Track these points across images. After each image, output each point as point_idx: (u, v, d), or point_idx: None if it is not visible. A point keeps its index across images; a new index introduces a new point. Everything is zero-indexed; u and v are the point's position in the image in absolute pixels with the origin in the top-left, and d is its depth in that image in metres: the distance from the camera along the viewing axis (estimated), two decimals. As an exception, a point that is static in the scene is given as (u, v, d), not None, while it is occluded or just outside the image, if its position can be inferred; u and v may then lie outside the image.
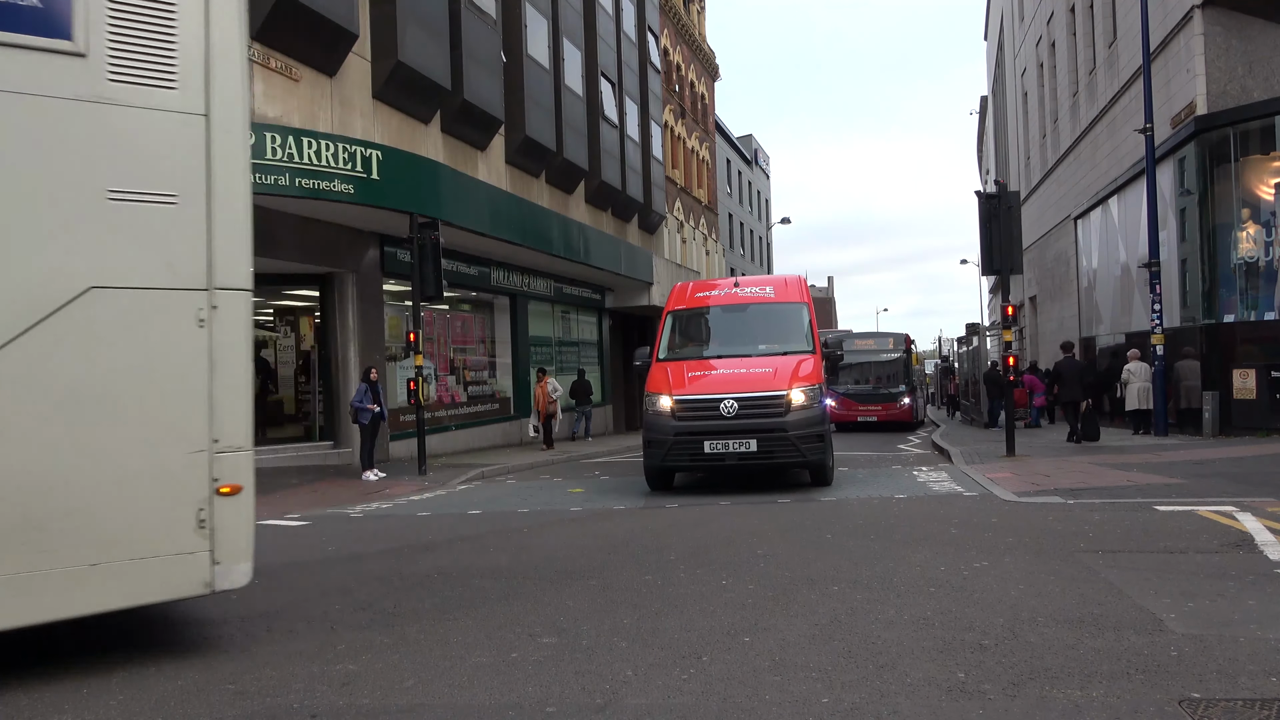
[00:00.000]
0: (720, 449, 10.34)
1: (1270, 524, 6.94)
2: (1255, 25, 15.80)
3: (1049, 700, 3.40)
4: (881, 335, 30.39)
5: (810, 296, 12.54)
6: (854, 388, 27.28)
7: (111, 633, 4.94)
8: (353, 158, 14.02)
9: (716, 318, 12.57)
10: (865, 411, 26.44)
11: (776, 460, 10.49)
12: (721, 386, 10.73)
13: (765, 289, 12.51)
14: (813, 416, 10.50)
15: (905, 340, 28.48)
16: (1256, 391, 14.97)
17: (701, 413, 10.57)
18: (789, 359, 11.09)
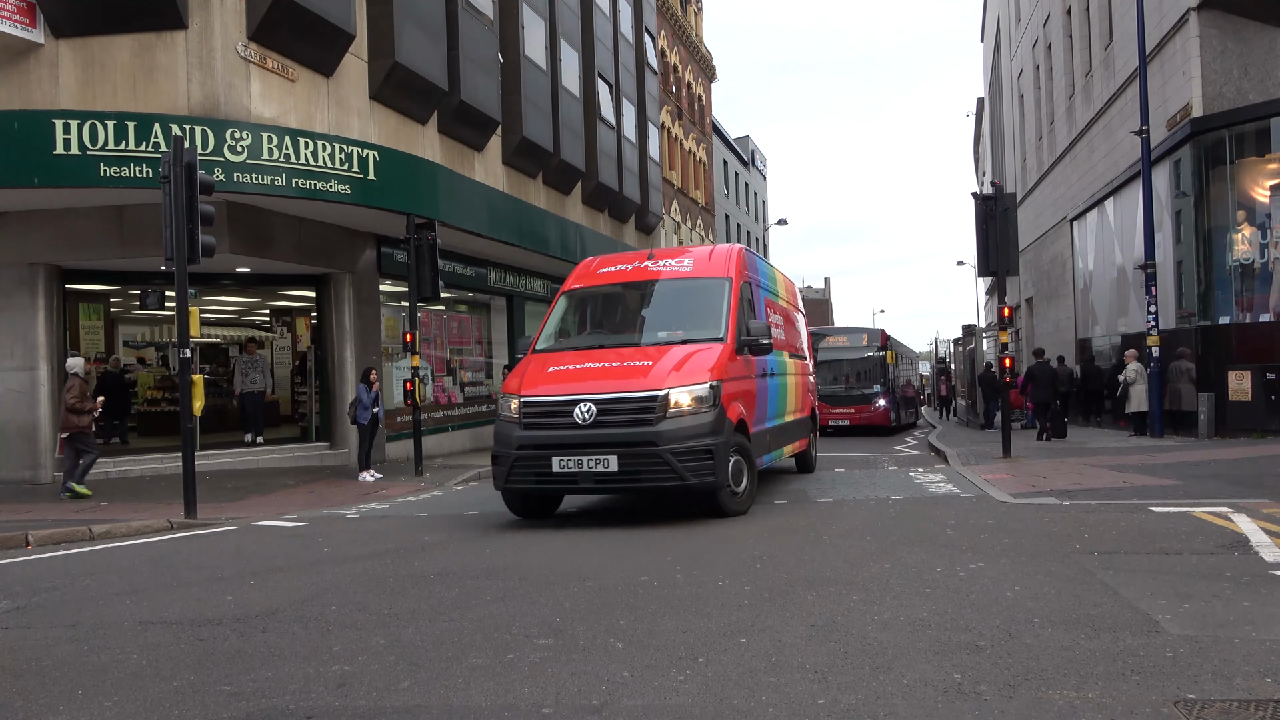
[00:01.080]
0: (571, 468, 7.94)
1: (1265, 525, 6.95)
2: (1251, 28, 15.85)
3: (1045, 701, 3.40)
4: (854, 330, 27.79)
5: (748, 270, 10.05)
6: (825, 389, 24.57)
7: (106, 635, 4.93)
8: (349, 158, 14.02)
9: (614, 298, 9.92)
10: (836, 415, 24.39)
11: (644, 484, 8.04)
12: (581, 385, 8.26)
13: (683, 262, 9.85)
14: (700, 425, 8.02)
15: (880, 336, 26.22)
16: (1252, 393, 15.01)
17: (551, 419, 8.19)
18: (683, 349, 8.58)
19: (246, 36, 13.77)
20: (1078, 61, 23.90)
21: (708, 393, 8.19)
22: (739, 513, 8.57)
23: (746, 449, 8.83)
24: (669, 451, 7.88)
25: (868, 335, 26.49)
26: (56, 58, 13.26)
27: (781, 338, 11.08)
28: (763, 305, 10.38)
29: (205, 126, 12.67)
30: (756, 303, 10.07)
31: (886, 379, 25.48)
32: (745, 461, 8.75)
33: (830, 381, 25.23)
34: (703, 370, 8.30)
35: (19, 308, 13.91)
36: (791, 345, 12.00)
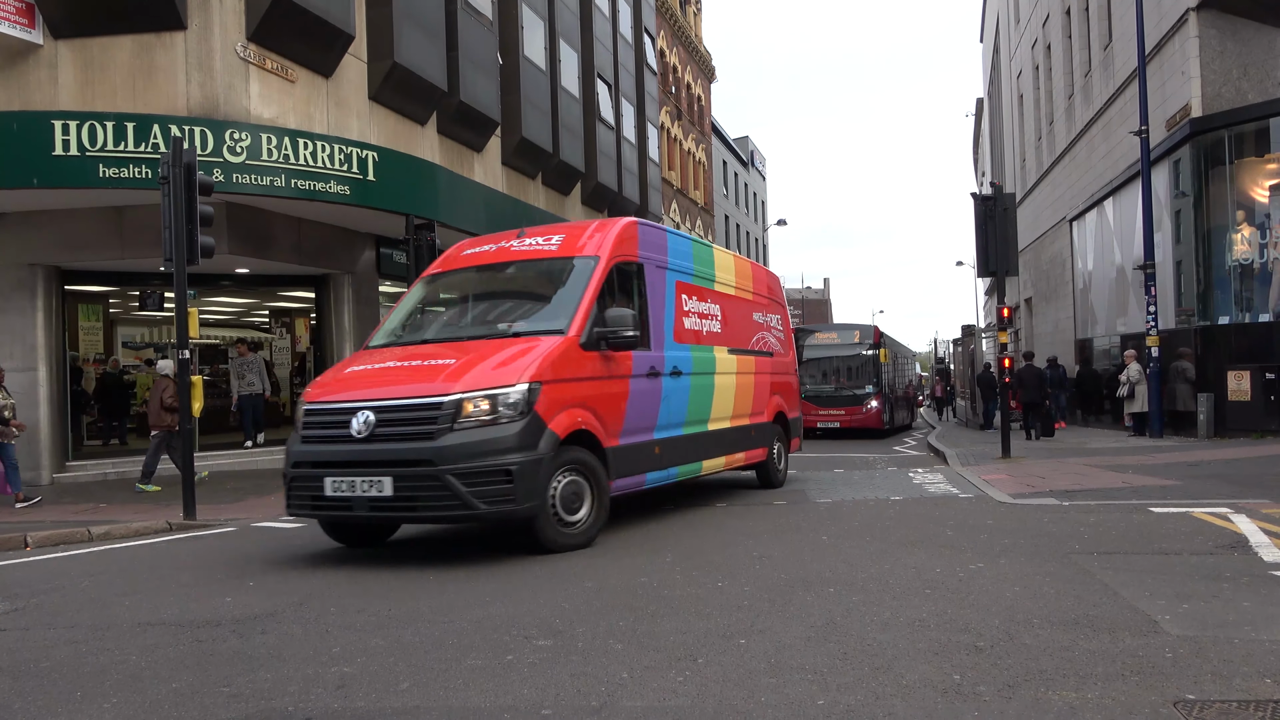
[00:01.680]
0: (345, 491, 6.55)
1: (1265, 525, 6.95)
2: (1250, 28, 15.86)
3: (1044, 702, 3.40)
4: (845, 327, 26.25)
5: (641, 250, 8.38)
6: (812, 388, 23.66)
7: (105, 636, 4.93)
8: (349, 159, 14.02)
9: (465, 284, 8.56)
10: (825, 416, 23.43)
11: (424, 513, 6.67)
12: (369, 390, 6.87)
13: (551, 240, 8.29)
14: (500, 438, 6.42)
15: (873, 333, 24.82)
16: (1251, 393, 15.02)
17: (326, 431, 6.83)
18: (512, 345, 7.06)
19: (246, 37, 13.77)
20: (1077, 62, 23.91)
21: (516, 398, 6.53)
22: (573, 547, 6.87)
23: (591, 467, 7.11)
24: (452, 473, 6.26)
25: (859, 332, 25.07)
26: (56, 58, 13.26)
27: (714, 330, 9.64)
28: (669, 292, 8.74)
29: (204, 127, 12.67)
30: (653, 289, 8.44)
31: (879, 378, 24.14)
32: (587, 483, 7.07)
33: (819, 381, 24.31)
34: (518, 370, 6.67)
35: (18, 309, 13.91)
36: (738, 339, 10.29)
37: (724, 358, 9.80)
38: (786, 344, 12.30)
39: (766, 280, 12.06)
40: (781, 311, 12.40)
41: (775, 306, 12.11)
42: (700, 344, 9.28)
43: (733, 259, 10.98)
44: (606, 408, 7.47)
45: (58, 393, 14.30)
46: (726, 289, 10.33)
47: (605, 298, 7.71)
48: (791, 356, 12.45)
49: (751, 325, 10.98)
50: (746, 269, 11.35)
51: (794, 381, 12.48)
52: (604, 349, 7.43)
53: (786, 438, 11.73)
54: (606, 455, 7.38)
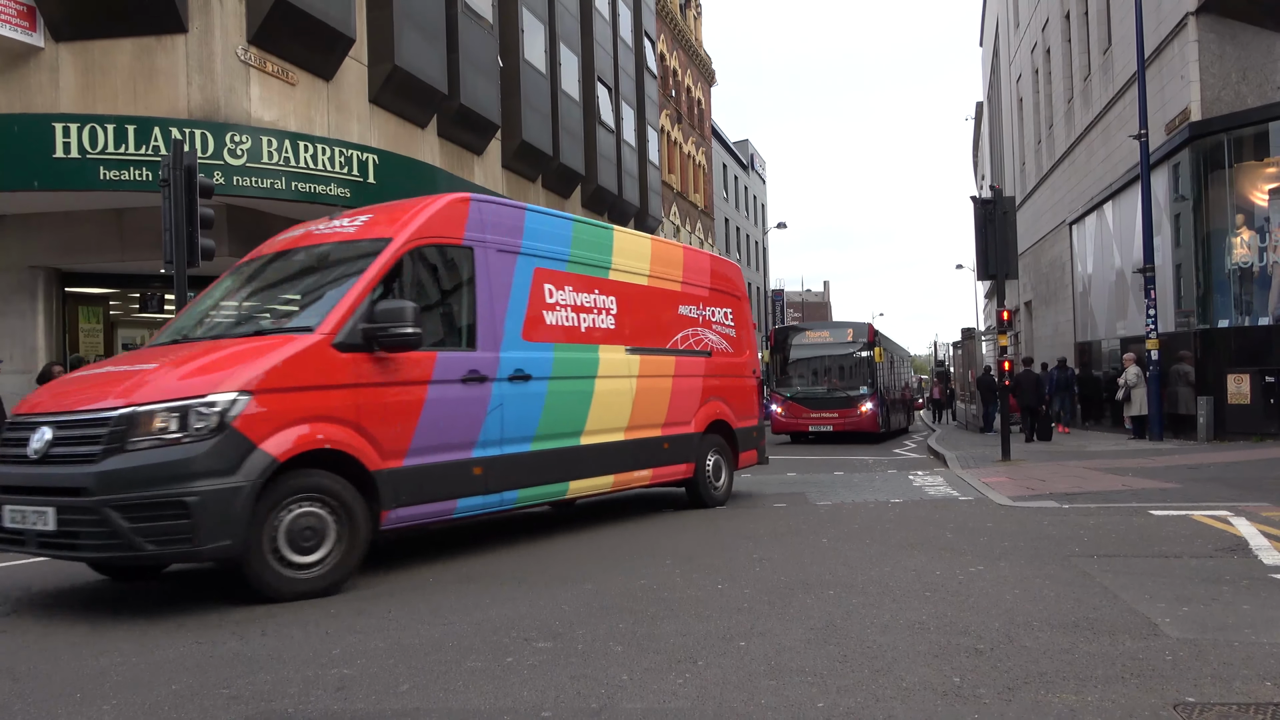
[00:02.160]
0: (18, 522, 5.50)
1: (1265, 528, 6.95)
2: (1249, 32, 15.89)
3: (1044, 705, 3.40)
4: (838, 325, 25.22)
5: (471, 230, 7.10)
6: (804, 390, 23.03)
7: (104, 638, 4.92)
8: (349, 161, 14.04)
9: (255, 273, 7.38)
10: (818, 419, 22.39)
11: (88, 553, 5.50)
12: (62, 399, 5.87)
13: (356, 220, 7.15)
14: (179, 464, 5.20)
15: (867, 331, 23.61)
16: (1251, 396, 15.03)
17: (10, 449, 5.82)
18: (232, 345, 5.99)
19: (246, 40, 13.79)
20: (1076, 65, 23.94)
21: (208, 411, 5.29)
22: (307, 594, 5.60)
23: (338, 496, 5.78)
24: (112, 505, 5.10)
25: (853, 330, 23.85)
26: (57, 61, 13.27)
27: (604, 326, 8.34)
28: (519, 281, 7.44)
29: (205, 130, 12.68)
30: (489, 277, 7.14)
31: (874, 379, 23.00)
32: (333, 515, 5.76)
33: (811, 382, 23.43)
34: (218, 378, 5.47)
35: (18, 311, 13.92)
36: (647, 337, 8.94)
37: (616, 358, 8.42)
38: (741, 342, 10.72)
39: (711, 269, 10.47)
40: (735, 304, 10.78)
41: (724, 299, 10.55)
42: (574, 342, 7.93)
43: (649, 244, 9.50)
44: (380, 421, 6.13)
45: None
46: (632, 278, 8.90)
47: (395, 288, 6.46)
48: (748, 357, 10.83)
49: (675, 321, 9.50)
50: (674, 255, 9.81)
51: (748, 385, 10.75)
52: (376, 350, 6.12)
53: (730, 450, 10.15)
54: (375, 480, 6.04)
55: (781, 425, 23.35)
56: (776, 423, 23.28)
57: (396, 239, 6.57)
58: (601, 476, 8.24)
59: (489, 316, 7.13)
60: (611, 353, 8.42)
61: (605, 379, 8.28)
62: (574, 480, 7.90)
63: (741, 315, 10.94)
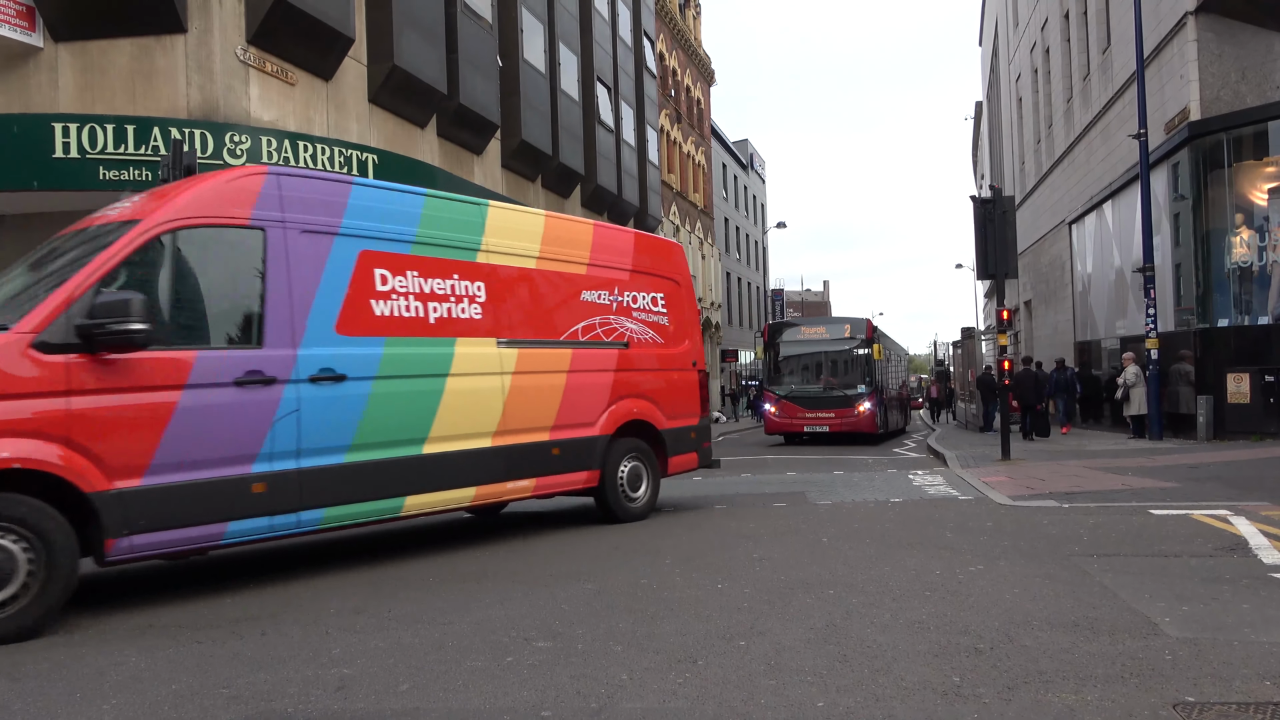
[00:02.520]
0: None
1: (1264, 528, 6.95)
2: (1248, 31, 15.89)
3: (1044, 704, 3.40)
4: (835, 321, 24.19)
5: (242, 208, 6.17)
6: (799, 389, 22.05)
7: (104, 638, 4.92)
8: (348, 161, 14.04)
9: (27, 263, 6.59)
10: (813, 419, 21.47)
11: None
12: None
13: (131, 201, 6.49)
14: None
15: (865, 327, 22.42)
16: (1250, 395, 15.03)
17: None
18: None
19: (246, 40, 13.79)
20: (1075, 65, 23.95)
21: None
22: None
23: (31, 525, 4.93)
24: None
25: (850, 326, 22.68)
26: (56, 61, 13.27)
27: (466, 316, 7.40)
28: (337, 266, 6.56)
29: (204, 130, 12.68)
30: (291, 263, 6.29)
31: (873, 377, 21.89)
32: (26, 548, 4.91)
33: (807, 380, 22.44)
34: None
35: (18, 311, 13.90)
36: (530, 328, 7.96)
37: (480, 353, 7.44)
38: (677, 331, 9.61)
39: (635, 249, 9.29)
40: (669, 289, 9.62)
41: (653, 282, 9.41)
42: (417, 336, 6.99)
43: (541, 221, 8.36)
44: (105, 434, 5.28)
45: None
46: (512, 260, 7.86)
47: (137, 278, 5.62)
48: (687, 347, 9.72)
49: (576, 308, 8.43)
50: (578, 234, 8.67)
51: (685, 379, 9.65)
52: (99, 351, 5.29)
53: (657, 454, 9.14)
54: (94, 503, 5.20)
55: (775, 426, 22.51)
56: (770, 423, 22.67)
57: (145, 222, 5.76)
58: (456, 489, 7.19)
59: (284, 308, 6.20)
60: (474, 346, 7.43)
61: (462, 377, 7.28)
62: (414, 495, 6.87)
63: (678, 300, 9.73)
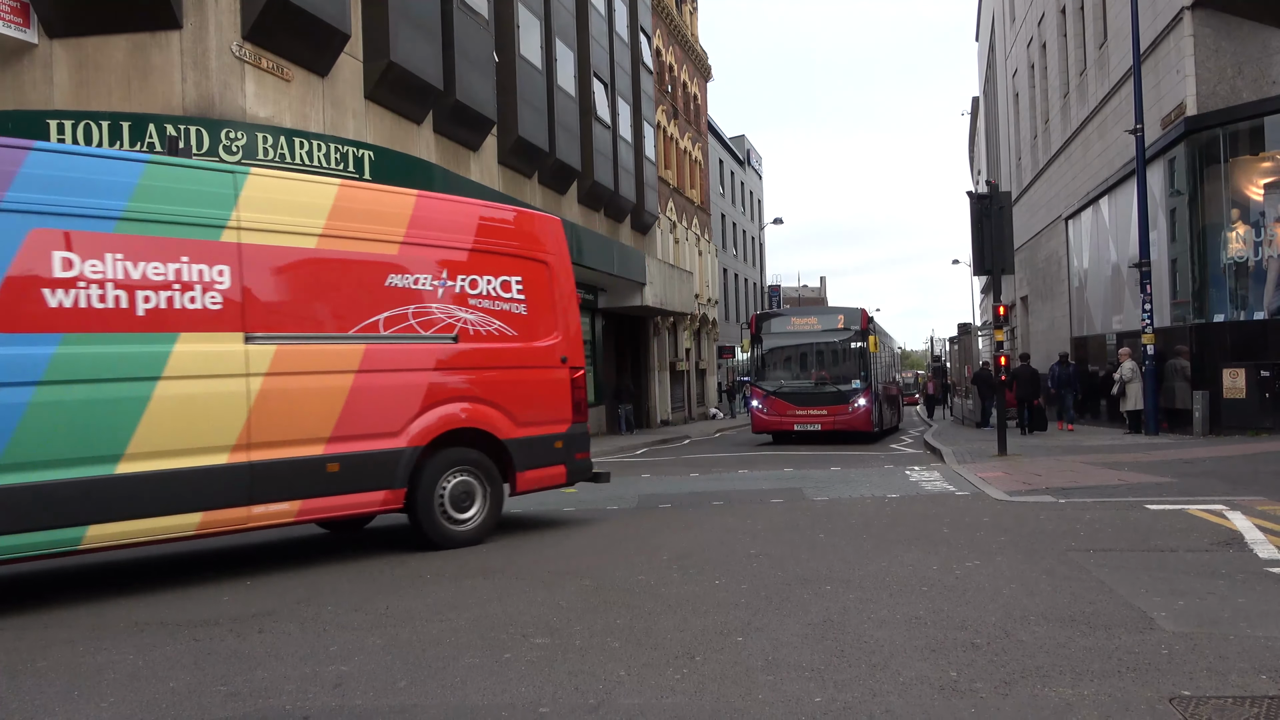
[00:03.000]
0: None
1: (1260, 522, 6.97)
2: (1245, 27, 15.89)
3: (1040, 699, 3.41)
4: (827, 311, 22.56)
5: None
6: (789, 384, 20.60)
7: (102, 636, 4.92)
8: (344, 158, 14.01)
9: None
10: (804, 417, 20.03)
11: None
12: None
13: None
14: None
15: (860, 318, 20.65)
16: (1246, 391, 15.06)
17: None
18: None
19: (241, 36, 13.75)
20: (1072, 60, 23.95)
21: None
22: None
23: None
24: None
25: (844, 316, 21.03)
26: (51, 58, 13.23)
27: (204, 306, 6.29)
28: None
29: (200, 126, 12.65)
30: None
31: (868, 372, 20.34)
32: None
33: (798, 375, 20.93)
34: None
35: (13, 308, 13.86)
36: (293, 320, 6.74)
37: (214, 351, 6.30)
38: (541, 321, 8.22)
39: (479, 224, 7.95)
40: (532, 271, 8.22)
41: (507, 263, 8.04)
42: (115, 331, 5.91)
43: (333, 191, 7.09)
44: None
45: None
46: (278, 239, 6.71)
47: None
48: (553, 342, 8.31)
49: (377, 297, 7.15)
50: (388, 208, 7.37)
51: (549, 379, 8.25)
52: None
53: (501, 468, 7.82)
54: None
55: (763, 424, 20.93)
56: (757, 421, 21.14)
57: None
58: (167, 516, 6.02)
59: None
60: (206, 344, 6.28)
61: (184, 380, 6.15)
62: (100, 524, 5.75)
63: (545, 285, 8.31)
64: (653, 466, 15.52)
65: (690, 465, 15.43)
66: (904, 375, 51.63)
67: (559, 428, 8.31)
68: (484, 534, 7.67)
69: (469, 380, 7.65)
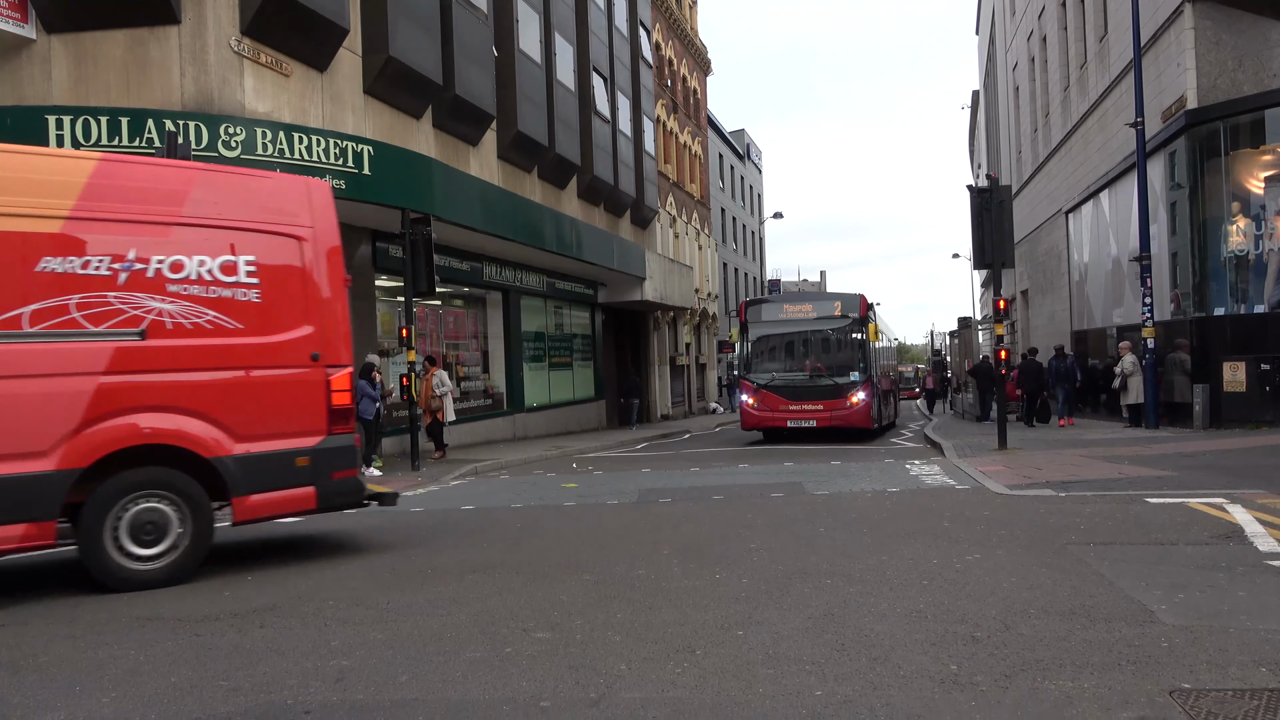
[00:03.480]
0: None
1: (1260, 515, 6.97)
2: (1245, 19, 15.85)
3: (1041, 691, 3.42)
4: (824, 298, 21.22)
5: None
6: (782, 377, 18.99)
7: (103, 631, 4.93)
8: (344, 153, 13.99)
9: None
10: (798, 412, 18.42)
11: None
12: None
13: None
14: None
15: (859, 304, 19.07)
16: (1246, 384, 15.06)
17: None
18: None
19: (240, 31, 13.72)
20: (1073, 54, 23.91)
21: None
22: None
23: None
24: None
25: (841, 303, 19.30)
26: (49, 53, 13.20)
27: None
28: None
29: (199, 121, 12.63)
30: None
31: (867, 362, 18.82)
32: None
33: (791, 367, 19.31)
34: None
35: (13, 304, 13.86)
36: None
37: None
38: (278, 311, 6.70)
39: (193, 191, 6.51)
40: (275, 248, 6.74)
41: (238, 240, 6.57)
42: None
43: None
44: None
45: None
46: None
47: None
48: (301, 336, 6.78)
49: (22, 284, 5.78)
50: (52, 174, 6.07)
51: (287, 383, 6.72)
52: None
53: (203, 494, 6.36)
54: None
55: (753, 420, 19.14)
56: (747, 417, 19.33)
57: None
58: None
59: None
60: None
61: None
62: None
63: (292, 266, 6.81)
64: (653, 461, 15.53)
65: (690, 460, 15.44)
66: (905, 369, 51.51)
67: (304, 441, 6.74)
68: (182, 573, 6.21)
69: (161, 385, 6.20)
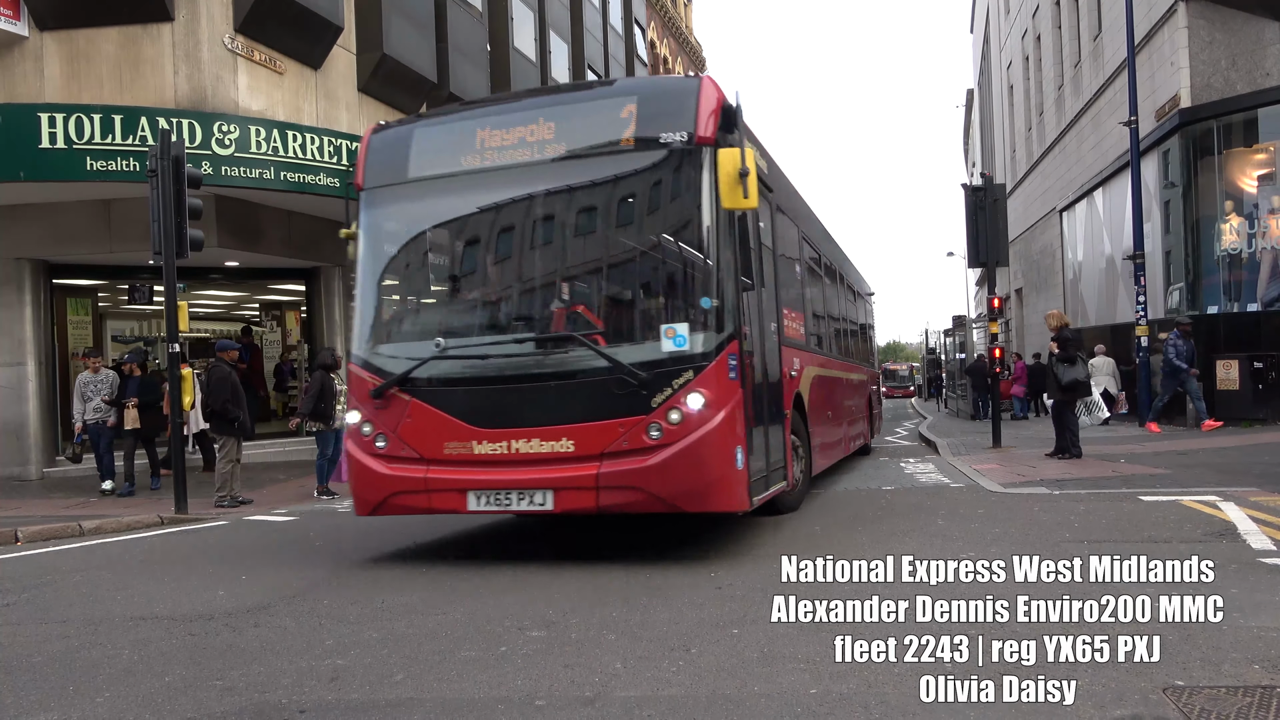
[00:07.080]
0: None
1: (1253, 513, 7.00)
2: (1239, 19, 15.90)
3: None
4: (588, 95, 8.39)
5: None
6: (473, 348, 11.23)
7: (97, 631, 4.91)
8: (338, 151, 13.96)
9: None
10: (504, 478, 7.07)
11: None
12: None
13: None
14: None
15: (693, 104, 6.65)
16: (1239, 382, 15.10)
17: None
18: None
19: (233, 29, 13.69)
20: (1066, 52, 23.95)
21: None
22: None
23: None
24: None
25: (638, 105, 6.35)
26: (41, 50, 13.15)
27: None
28: None
29: (192, 119, 12.59)
30: None
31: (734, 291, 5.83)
32: None
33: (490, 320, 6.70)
34: None
35: (6, 303, 13.82)
36: None
37: None
38: None
39: None
40: None
41: None
42: None
43: None
44: None
45: (46, 387, 14.23)
46: None
47: None
48: None
49: None
50: None
51: None
52: None
53: None
54: None
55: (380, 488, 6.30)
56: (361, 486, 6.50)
57: None
58: None
59: None
60: None
61: None
62: None
63: None
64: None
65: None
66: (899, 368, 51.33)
67: None
68: None
69: None
